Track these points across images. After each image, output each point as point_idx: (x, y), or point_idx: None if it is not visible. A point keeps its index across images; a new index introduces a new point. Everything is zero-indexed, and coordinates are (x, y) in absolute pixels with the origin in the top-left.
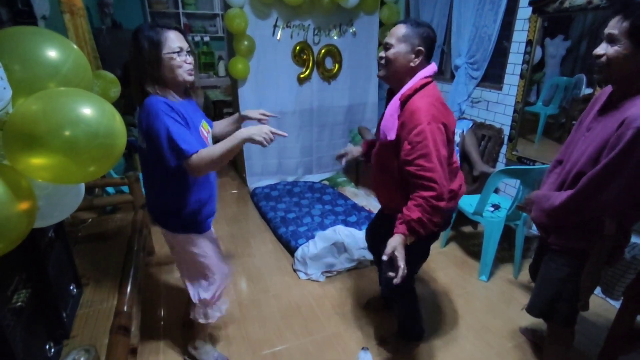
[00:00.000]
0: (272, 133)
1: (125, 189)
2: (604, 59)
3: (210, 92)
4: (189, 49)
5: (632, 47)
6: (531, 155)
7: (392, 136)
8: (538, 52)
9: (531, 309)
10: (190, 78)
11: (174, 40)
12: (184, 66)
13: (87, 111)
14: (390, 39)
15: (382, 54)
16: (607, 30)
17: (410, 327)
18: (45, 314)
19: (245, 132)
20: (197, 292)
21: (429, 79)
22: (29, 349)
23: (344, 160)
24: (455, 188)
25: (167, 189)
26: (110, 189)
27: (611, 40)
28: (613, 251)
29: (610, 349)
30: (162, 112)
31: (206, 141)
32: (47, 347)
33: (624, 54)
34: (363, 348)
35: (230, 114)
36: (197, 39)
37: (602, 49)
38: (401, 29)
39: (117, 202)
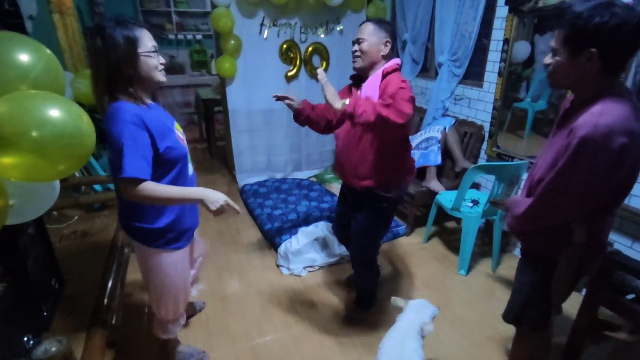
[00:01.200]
0: (229, 206)
1: (112, 186)
2: (550, 67)
3: (201, 90)
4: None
5: (568, 56)
6: (518, 151)
7: (375, 99)
8: (528, 49)
9: (506, 315)
10: (165, 79)
11: (149, 38)
12: (158, 67)
13: (52, 113)
14: (361, 35)
15: (356, 47)
16: (550, 42)
17: (368, 297)
18: (24, 307)
19: (207, 193)
20: (159, 308)
21: (399, 67)
22: (6, 340)
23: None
24: (409, 167)
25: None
26: (97, 187)
27: (553, 51)
28: (584, 259)
29: (575, 339)
30: (126, 122)
31: (183, 143)
32: (26, 339)
33: (563, 62)
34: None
35: (220, 112)
36: (190, 37)
37: (549, 57)
38: (369, 26)
39: (103, 200)
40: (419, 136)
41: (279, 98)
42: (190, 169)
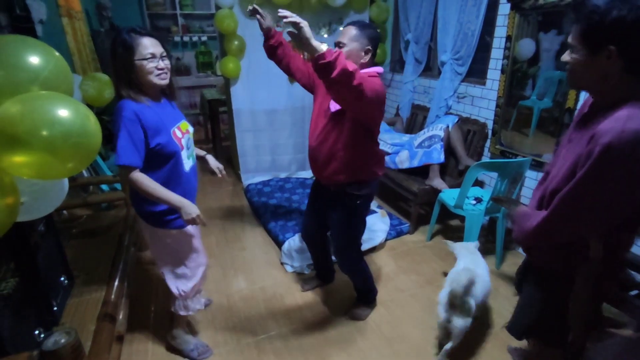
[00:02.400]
0: (199, 219)
1: (119, 186)
2: (568, 65)
3: (206, 91)
4: (164, 54)
5: (587, 53)
6: (524, 148)
7: None
8: (532, 46)
9: (512, 329)
10: (163, 82)
11: (146, 46)
12: (154, 72)
13: (61, 113)
14: (342, 39)
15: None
16: (568, 39)
17: (367, 294)
18: (35, 302)
19: (184, 204)
20: (176, 285)
21: (378, 76)
22: (18, 333)
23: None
24: (379, 162)
25: None
26: (104, 186)
27: (571, 48)
28: (601, 280)
29: (577, 336)
30: (123, 118)
31: (179, 142)
32: (37, 332)
33: (581, 60)
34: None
35: (225, 112)
36: (195, 39)
37: (567, 54)
38: (352, 30)
39: (109, 199)
40: (422, 134)
41: (253, 11)
42: (190, 163)
